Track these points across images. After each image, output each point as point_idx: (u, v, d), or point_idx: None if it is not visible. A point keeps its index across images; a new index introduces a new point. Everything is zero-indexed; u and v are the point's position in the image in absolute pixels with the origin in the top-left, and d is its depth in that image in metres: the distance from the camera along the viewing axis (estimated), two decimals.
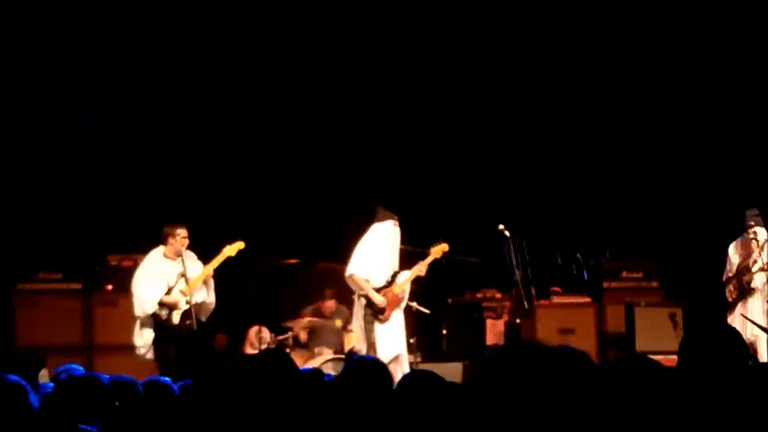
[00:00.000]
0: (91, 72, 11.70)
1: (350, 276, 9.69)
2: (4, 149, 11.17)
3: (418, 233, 10.34)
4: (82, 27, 11.26)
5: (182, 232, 8.87)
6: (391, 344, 9.54)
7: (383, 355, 9.27)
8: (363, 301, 9.67)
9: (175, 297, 8.75)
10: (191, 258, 8.98)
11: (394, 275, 9.70)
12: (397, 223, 9.70)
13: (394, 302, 9.66)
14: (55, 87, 11.43)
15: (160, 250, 8.95)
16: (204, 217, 10.66)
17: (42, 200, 11.24)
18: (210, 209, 11.30)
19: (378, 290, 9.61)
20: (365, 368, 4.09)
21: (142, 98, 11.78)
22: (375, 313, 9.58)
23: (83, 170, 11.56)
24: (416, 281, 9.96)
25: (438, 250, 9.68)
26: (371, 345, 9.56)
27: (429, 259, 9.68)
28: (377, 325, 9.57)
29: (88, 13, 11.23)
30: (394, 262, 9.71)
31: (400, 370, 8.49)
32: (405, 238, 9.91)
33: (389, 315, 9.61)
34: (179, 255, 8.86)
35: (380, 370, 4.07)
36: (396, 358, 9.34)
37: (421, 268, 9.67)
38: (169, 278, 8.81)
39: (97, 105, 11.79)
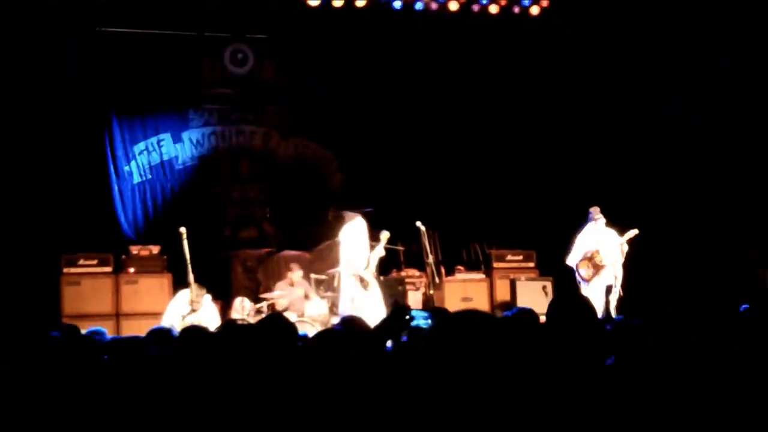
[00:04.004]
0: None
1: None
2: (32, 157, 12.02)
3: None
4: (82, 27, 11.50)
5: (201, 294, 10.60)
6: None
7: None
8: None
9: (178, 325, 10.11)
10: (207, 302, 10.63)
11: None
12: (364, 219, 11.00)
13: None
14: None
15: (187, 294, 10.56)
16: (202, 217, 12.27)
17: (77, 203, 12.30)
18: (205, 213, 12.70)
19: None
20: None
21: None
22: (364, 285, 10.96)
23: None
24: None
25: (385, 237, 11.05)
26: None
27: (384, 241, 11.00)
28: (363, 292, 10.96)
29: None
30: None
31: None
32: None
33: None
34: (195, 306, 10.50)
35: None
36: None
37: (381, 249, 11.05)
38: (181, 310, 10.51)
39: None
